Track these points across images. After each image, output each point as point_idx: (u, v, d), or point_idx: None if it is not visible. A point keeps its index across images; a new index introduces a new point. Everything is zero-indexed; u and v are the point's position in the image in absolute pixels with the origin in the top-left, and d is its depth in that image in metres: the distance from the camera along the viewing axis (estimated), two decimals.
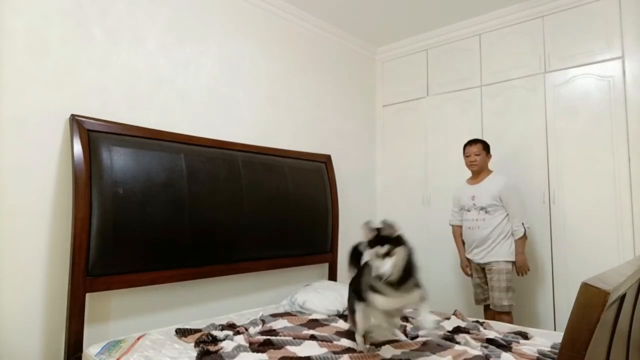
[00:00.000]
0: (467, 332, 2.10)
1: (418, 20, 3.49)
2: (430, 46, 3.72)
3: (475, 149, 2.85)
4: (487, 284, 2.84)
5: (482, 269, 2.84)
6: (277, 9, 3.15)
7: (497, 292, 2.70)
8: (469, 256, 2.92)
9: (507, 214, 2.75)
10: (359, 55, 3.94)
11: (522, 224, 2.72)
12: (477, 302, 2.93)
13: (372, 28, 3.64)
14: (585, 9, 2.92)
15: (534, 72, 3.12)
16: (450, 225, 3.09)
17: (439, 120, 3.63)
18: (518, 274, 2.76)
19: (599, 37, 2.86)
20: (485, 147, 2.88)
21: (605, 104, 2.80)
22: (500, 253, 2.73)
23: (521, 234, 2.71)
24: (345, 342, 1.94)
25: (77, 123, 2.04)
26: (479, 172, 2.88)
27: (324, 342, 1.95)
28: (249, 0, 2.97)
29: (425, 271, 3.71)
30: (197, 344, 1.88)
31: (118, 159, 2.12)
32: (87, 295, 2.00)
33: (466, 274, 2.98)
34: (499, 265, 2.71)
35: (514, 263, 2.74)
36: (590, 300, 0.86)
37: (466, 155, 2.90)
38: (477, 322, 2.34)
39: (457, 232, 3.03)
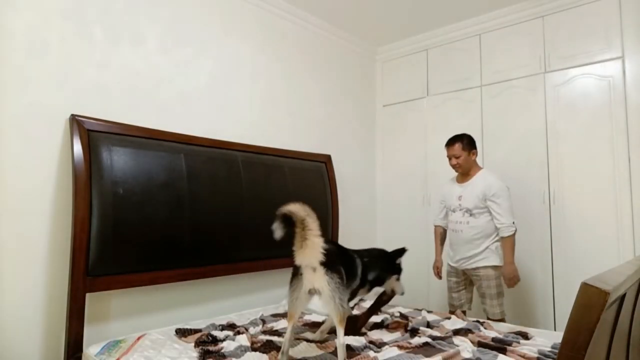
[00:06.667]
0: (468, 332, 2.10)
1: (418, 20, 3.49)
2: (430, 46, 3.72)
3: (454, 150, 2.63)
4: (466, 289, 2.74)
5: (467, 274, 2.71)
6: (277, 9, 3.15)
7: (488, 299, 2.56)
8: (454, 264, 2.74)
9: (492, 218, 2.56)
10: (359, 55, 3.93)
11: (513, 222, 2.51)
12: (453, 307, 2.77)
13: (372, 28, 3.64)
14: (585, 9, 2.92)
15: (534, 72, 3.12)
16: (434, 225, 2.97)
17: (439, 120, 3.63)
18: (508, 285, 2.55)
19: (599, 37, 2.86)
20: (467, 144, 2.64)
21: (605, 104, 2.80)
22: (488, 259, 2.58)
23: (509, 232, 2.49)
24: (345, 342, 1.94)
25: (77, 123, 2.04)
26: (466, 172, 2.68)
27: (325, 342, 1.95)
28: (248, 0, 2.97)
29: (425, 272, 3.71)
30: (197, 344, 1.89)
31: (118, 159, 2.12)
32: (87, 295, 2.00)
33: (436, 274, 2.88)
34: (487, 271, 2.57)
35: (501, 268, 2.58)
36: (590, 300, 0.86)
37: (448, 157, 2.71)
38: (478, 322, 2.33)
39: (438, 232, 2.91)
